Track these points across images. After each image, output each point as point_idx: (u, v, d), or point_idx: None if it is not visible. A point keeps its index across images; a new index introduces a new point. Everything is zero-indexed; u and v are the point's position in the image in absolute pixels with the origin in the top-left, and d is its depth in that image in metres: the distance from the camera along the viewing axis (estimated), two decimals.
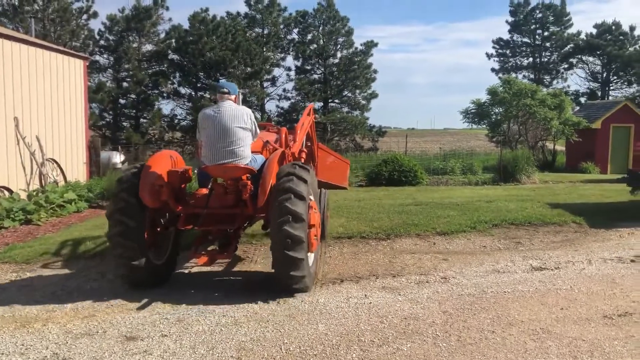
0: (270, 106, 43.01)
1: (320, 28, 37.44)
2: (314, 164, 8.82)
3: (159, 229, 6.47)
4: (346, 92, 37.91)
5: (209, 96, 31.31)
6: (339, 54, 37.51)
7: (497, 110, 24.18)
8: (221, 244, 6.52)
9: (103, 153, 18.36)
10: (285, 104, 37.83)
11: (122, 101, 33.55)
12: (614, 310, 5.44)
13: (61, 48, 15.95)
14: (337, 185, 10.56)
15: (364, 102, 37.90)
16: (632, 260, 7.50)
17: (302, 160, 7.36)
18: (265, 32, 36.77)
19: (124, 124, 34.28)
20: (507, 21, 46.36)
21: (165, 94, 33.26)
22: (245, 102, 34.77)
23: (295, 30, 37.99)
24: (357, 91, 37.76)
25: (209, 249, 6.78)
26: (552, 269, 7.13)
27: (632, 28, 41.99)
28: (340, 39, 37.41)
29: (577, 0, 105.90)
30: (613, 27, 41.85)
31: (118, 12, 33.38)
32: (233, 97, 6.41)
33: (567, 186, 16.34)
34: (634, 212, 10.97)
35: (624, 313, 5.35)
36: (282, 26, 37.29)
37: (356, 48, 37.38)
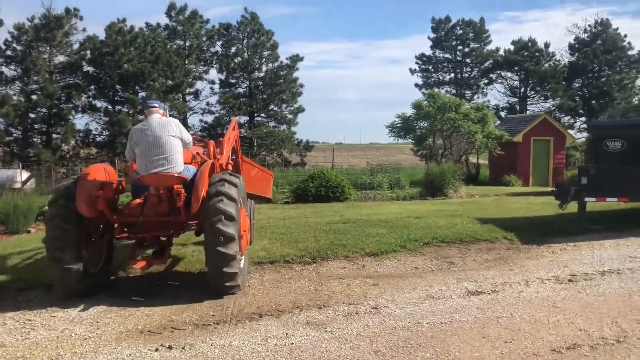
0: (194, 120, 41.60)
1: (245, 41, 36.59)
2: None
3: (93, 239, 6.73)
4: (272, 106, 37.16)
5: (127, 110, 29.69)
6: (264, 68, 36.77)
7: (422, 125, 24.15)
8: (156, 250, 6.88)
9: (2, 171, 16.65)
10: (209, 118, 36.59)
11: (32, 115, 31.22)
12: (562, 342, 4.92)
13: None
14: (262, 195, 10.66)
15: (290, 116, 37.26)
16: (570, 280, 7.12)
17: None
18: (187, 44, 35.51)
19: (35, 139, 31.91)
20: (429, 37, 47.42)
21: (79, 108, 31.20)
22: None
23: (219, 43, 36.93)
24: (284, 105, 37.10)
25: (144, 255, 7.00)
26: (489, 293, 6.61)
27: (546, 45, 43.93)
28: (265, 53, 36.69)
29: (493, 20, 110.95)
30: (529, 44, 43.54)
31: (27, 21, 31.17)
32: (161, 111, 6.75)
33: (493, 200, 16.30)
34: (562, 226, 10.83)
35: (573, 345, 4.84)
36: (204, 38, 36.13)
37: (282, 62, 36.79)
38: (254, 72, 36.65)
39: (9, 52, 31.54)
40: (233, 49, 36.57)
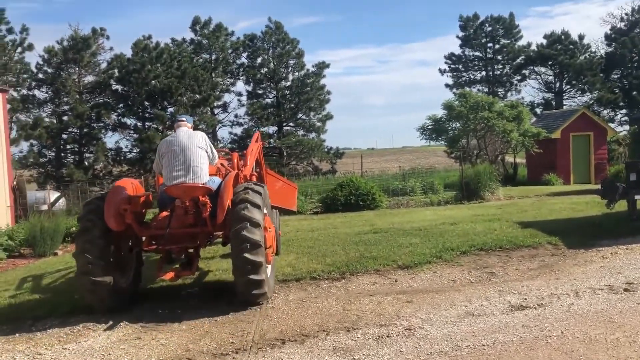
0: (223, 133, 41.60)
1: (270, 51, 36.43)
2: None
3: (122, 252, 6.81)
4: (300, 115, 36.85)
5: (155, 126, 29.78)
6: (290, 77, 36.52)
7: (454, 125, 23.40)
8: (184, 262, 6.88)
9: (32, 193, 16.65)
10: (238, 130, 36.48)
11: (64, 136, 31.66)
12: None
13: None
14: (286, 208, 10.68)
15: (319, 124, 36.89)
16: (626, 290, 6.41)
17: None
18: (213, 57, 35.53)
19: (68, 160, 32.33)
20: (457, 36, 46.41)
21: (110, 127, 31.50)
22: (196, 130, 33.30)
23: (245, 55, 36.88)
24: (312, 113, 36.76)
25: (175, 266, 7.00)
26: (535, 307, 5.97)
27: (581, 37, 42.44)
28: (291, 61, 36.47)
29: (522, 16, 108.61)
30: (562, 37, 42.11)
31: (56, 44, 31.69)
32: (189, 125, 6.93)
33: (534, 201, 15.47)
34: (611, 227, 10.03)
35: None
36: (230, 51, 36.12)
37: (308, 70, 36.49)
38: (281, 81, 36.46)
39: (40, 76, 32.16)
40: (259, 60, 36.49)
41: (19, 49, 31.30)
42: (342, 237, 10.62)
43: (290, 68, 36.68)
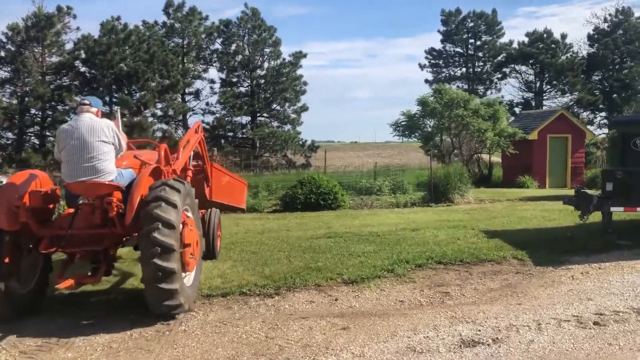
0: (194, 121, 40.26)
1: (245, 38, 35.17)
2: (208, 184, 8.48)
3: (22, 254, 6.01)
4: (275, 106, 35.72)
5: (119, 111, 28.41)
6: (265, 65, 35.34)
7: (428, 122, 22.51)
8: (93, 267, 6.13)
9: None
10: (210, 119, 35.25)
11: (26, 119, 30.14)
12: None
13: None
14: (234, 205, 10.03)
15: (294, 115, 35.81)
16: (596, 323, 5.50)
17: (188, 180, 7.26)
18: (186, 42, 34.17)
19: (30, 143, 30.85)
20: (439, 30, 45.58)
21: (73, 110, 30.00)
22: (164, 118, 32.02)
23: (219, 41, 35.57)
24: (287, 104, 35.64)
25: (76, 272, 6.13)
26: (488, 344, 5.04)
27: (563, 36, 41.85)
28: (267, 50, 35.25)
29: (509, 16, 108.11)
30: (545, 35, 41.46)
31: (21, 22, 30.08)
32: (94, 110, 6.07)
33: (505, 206, 14.62)
34: (583, 241, 9.18)
35: None
36: (203, 36, 34.77)
37: (284, 59, 35.33)
38: (256, 70, 35.27)
39: (2, 54, 30.55)
40: (233, 47, 35.20)
41: None
42: (292, 241, 9.67)
43: (266, 56, 35.50)
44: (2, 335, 5.46)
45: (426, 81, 45.94)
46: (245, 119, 35.34)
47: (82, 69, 30.63)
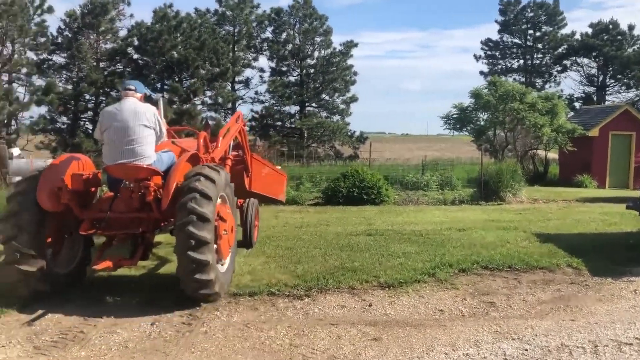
0: (244, 110, 40.40)
1: (296, 27, 34.81)
2: (248, 175, 8.47)
3: (64, 235, 6.24)
4: (324, 96, 35.27)
5: (162, 98, 28.62)
6: (316, 54, 34.91)
7: (482, 116, 21.57)
8: (131, 250, 6.25)
9: (17, 161, 15.64)
10: (259, 107, 35.18)
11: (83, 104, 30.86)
12: None
13: None
14: (273, 197, 9.95)
15: (343, 106, 35.29)
16: None
17: (226, 169, 7.28)
18: (236, 30, 34.12)
19: (84, 128, 31.58)
20: (496, 21, 43.90)
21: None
22: (214, 105, 32.11)
23: (270, 29, 35.37)
24: (336, 94, 35.12)
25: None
26: None
27: (630, 27, 39.42)
28: (318, 39, 34.80)
29: (574, 7, 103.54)
30: (610, 27, 39.25)
31: (78, 9, 30.74)
32: (138, 95, 6.18)
33: (560, 207, 13.72)
34: None
35: None
36: (254, 24, 34.63)
37: (335, 48, 34.80)
38: (306, 59, 34.90)
39: (60, 40, 31.34)
40: (284, 35, 34.92)
41: (39, 11, 30.48)
42: (329, 237, 9.26)
43: (317, 46, 35.05)
44: (20, 328, 5.31)
45: (481, 73, 44.47)
46: (293, 109, 35.16)
47: (135, 56, 31.08)
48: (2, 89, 25.94)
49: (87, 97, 29.45)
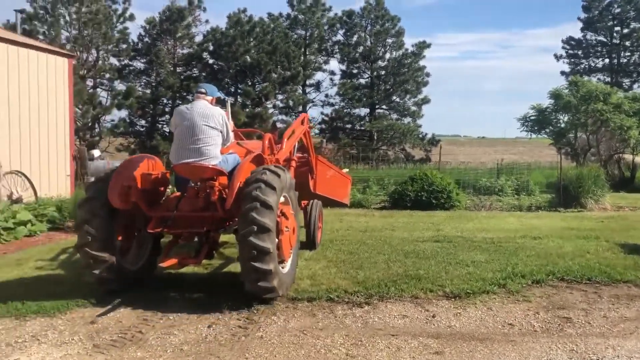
0: (314, 112, 40.58)
1: (368, 28, 34.54)
2: (313, 177, 8.63)
3: (134, 233, 6.48)
4: (395, 97, 34.78)
5: (241, 102, 29.17)
6: (387, 56, 34.50)
7: (562, 117, 20.46)
8: (196, 249, 6.41)
9: (97, 163, 16.32)
10: (329, 110, 35.18)
11: (157, 108, 32.03)
12: None
13: (37, 44, 14.01)
14: (337, 200, 9.95)
15: (414, 108, 34.65)
16: None
17: (290, 171, 7.39)
18: (308, 34, 34.28)
19: (161, 131, 32.76)
20: (579, 18, 41.71)
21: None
22: (285, 109, 32.39)
23: (341, 32, 35.29)
24: (407, 96, 34.56)
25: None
26: None
27: None
28: (390, 40, 34.38)
29: None
30: None
31: (157, 15, 31.96)
32: (209, 98, 6.36)
33: None
34: None
35: None
36: (326, 27, 34.67)
37: (406, 49, 34.24)
38: (377, 61, 34.56)
39: (140, 46, 32.67)
40: (355, 38, 34.76)
41: (121, 19, 31.92)
42: (394, 243, 8.97)
43: (388, 47, 34.66)
44: (84, 325, 5.41)
45: (562, 73, 42.36)
46: (363, 111, 34.91)
47: (210, 61, 31.90)
48: (87, 94, 27.34)
49: (164, 100, 30.47)
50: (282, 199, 6.23)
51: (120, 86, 30.60)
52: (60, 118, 13.85)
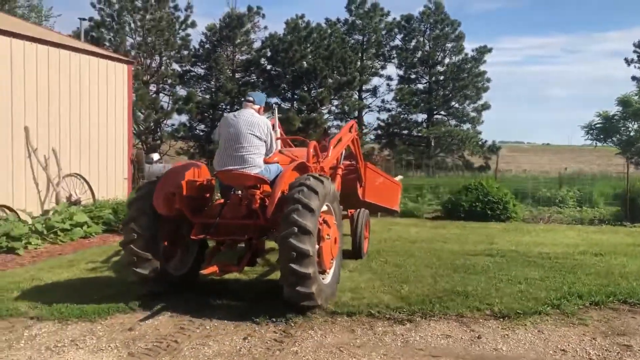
0: (370, 118, 40.27)
1: (427, 33, 33.98)
2: (361, 184, 8.71)
3: (179, 238, 6.48)
4: (454, 103, 34.02)
5: (297, 107, 29.27)
6: (446, 61, 33.78)
7: (631, 125, 19.37)
8: (240, 255, 6.42)
9: (155, 166, 16.70)
10: (385, 116, 34.80)
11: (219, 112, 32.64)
12: None
13: (99, 50, 14.47)
14: (387, 207, 10.03)
15: (474, 114, 33.78)
16: None
17: (336, 179, 7.61)
18: (366, 39, 34.06)
19: None
20: None
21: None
22: (341, 114, 32.28)
23: (399, 37, 34.85)
24: (467, 102, 33.73)
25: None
26: None
27: None
28: (449, 45, 33.69)
29: None
30: None
31: (218, 22, 32.60)
32: (257, 107, 6.37)
33: None
34: None
35: None
36: (384, 32, 34.34)
37: (466, 54, 33.45)
38: (435, 66, 33.92)
39: (201, 52, 33.39)
40: (413, 42, 34.25)
41: (183, 26, 32.73)
42: (444, 256, 8.65)
43: (447, 52, 33.95)
44: (121, 332, 5.43)
45: (633, 78, 40.12)
46: (421, 117, 34.31)
47: (268, 67, 32.21)
48: (150, 98, 28.19)
49: (223, 105, 30.98)
50: (324, 208, 6.15)
51: (181, 91, 31.41)
52: (119, 122, 14.21)
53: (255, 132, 6.07)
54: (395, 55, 34.69)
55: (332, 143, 7.68)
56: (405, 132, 34.72)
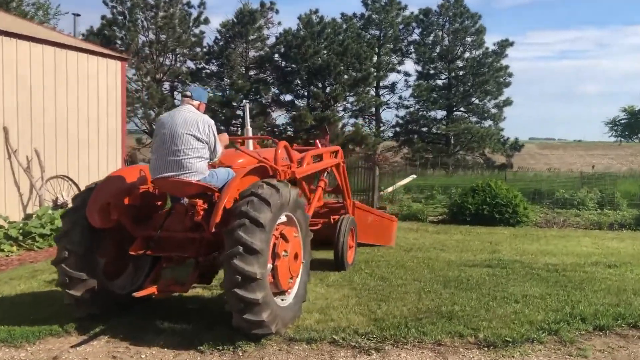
0: (387, 115, 39.30)
1: (446, 27, 32.88)
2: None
3: (126, 253, 5.54)
4: (474, 99, 32.86)
5: (311, 104, 28.55)
6: (466, 55, 32.65)
7: None
8: (193, 273, 5.56)
9: None
10: (403, 113, 33.84)
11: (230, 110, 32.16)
12: None
13: (90, 47, 13.92)
14: (379, 245, 9.33)
15: (495, 110, 32.59)
16: None
17: (315, 194, 7.23)
18: (382, 34, 33.13)
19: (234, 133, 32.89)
20: None
21: (269, 103, 31.08)
22: (356, 111, 31.46)
23: (417, 31, 33.84)
24: (488, 97, 32.55)
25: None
26: None
27: None
28: (469, 39, 32.53)
29: None
30: None
31: (231, 19, 32.10)
32: (196, 103, 5.42)
33: None
34: None
35: None
36: (401, 26, 33.36)
37: (487, 48, 32.24)
38: (455, 61, 32.82)
39: (215, 48, 32.95)
40: (432, 37, 33.20)
41: (196, 23, 32.29)
42: (437, 267, 7.84)
43: (467, 46, 32.81)
44: (70, 351, 4.76)
45: None
46: (440, 114, 33.26)
47: (282, 63, 31.58)
48: (159, 96, 27.81)
49: (234, 104, 30.47)
50: (283, 218, 5.35)
51: None
52: (112, 121, 13.65)
53: (193, 131, 5.14)
54: (413, 50, 33.70)
55: (309, 153, 7.07)
56: (424, 129, 33.70)
